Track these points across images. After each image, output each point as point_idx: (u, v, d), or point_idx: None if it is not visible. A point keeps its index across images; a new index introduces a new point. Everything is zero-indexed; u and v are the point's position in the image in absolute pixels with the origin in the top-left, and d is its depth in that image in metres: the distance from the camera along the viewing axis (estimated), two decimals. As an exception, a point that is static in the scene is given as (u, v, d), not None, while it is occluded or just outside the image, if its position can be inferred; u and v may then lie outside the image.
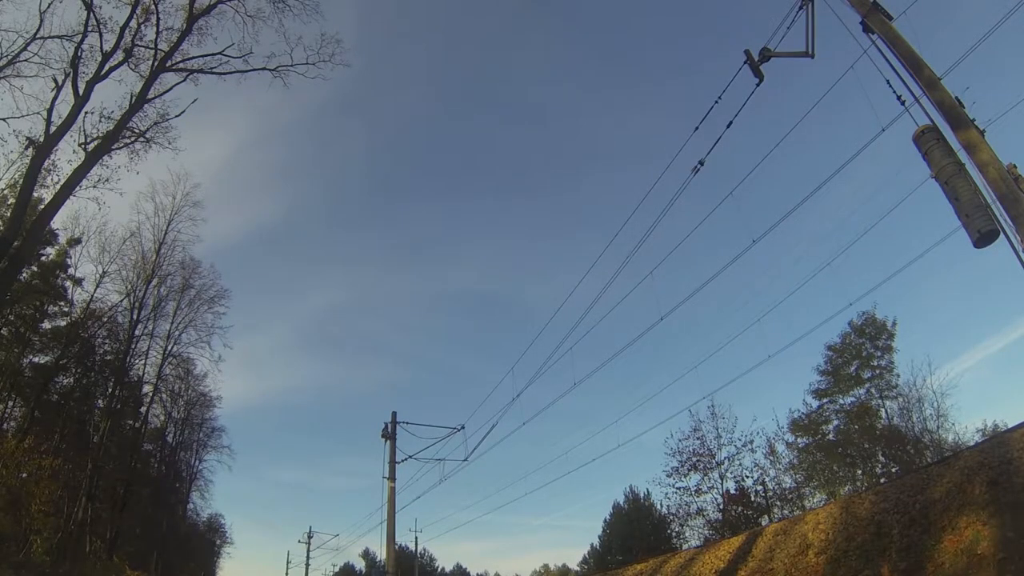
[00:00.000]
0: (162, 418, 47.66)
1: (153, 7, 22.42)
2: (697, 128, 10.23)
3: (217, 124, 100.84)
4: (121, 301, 35.98)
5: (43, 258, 32.76)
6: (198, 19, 23.27)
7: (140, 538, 44.15)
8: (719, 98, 9.62)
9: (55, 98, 20.77)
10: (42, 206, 21.89)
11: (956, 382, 36.87)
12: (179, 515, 55.64)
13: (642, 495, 50.01)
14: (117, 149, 22.88)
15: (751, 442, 31.07)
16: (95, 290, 34.91)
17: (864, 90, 8.59)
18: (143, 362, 39.52)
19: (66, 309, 34.64)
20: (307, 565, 57.17)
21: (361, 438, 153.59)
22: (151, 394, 41.33)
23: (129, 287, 36.25)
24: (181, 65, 23.95)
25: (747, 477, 30.91)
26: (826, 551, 12.65)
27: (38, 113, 20.92)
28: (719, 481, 31.05)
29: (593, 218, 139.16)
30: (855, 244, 36.94)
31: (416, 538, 60.06)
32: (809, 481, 32.05)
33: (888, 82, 7.91)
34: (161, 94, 23.64)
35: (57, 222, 29.88)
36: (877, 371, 33.61)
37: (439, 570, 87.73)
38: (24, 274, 28.22)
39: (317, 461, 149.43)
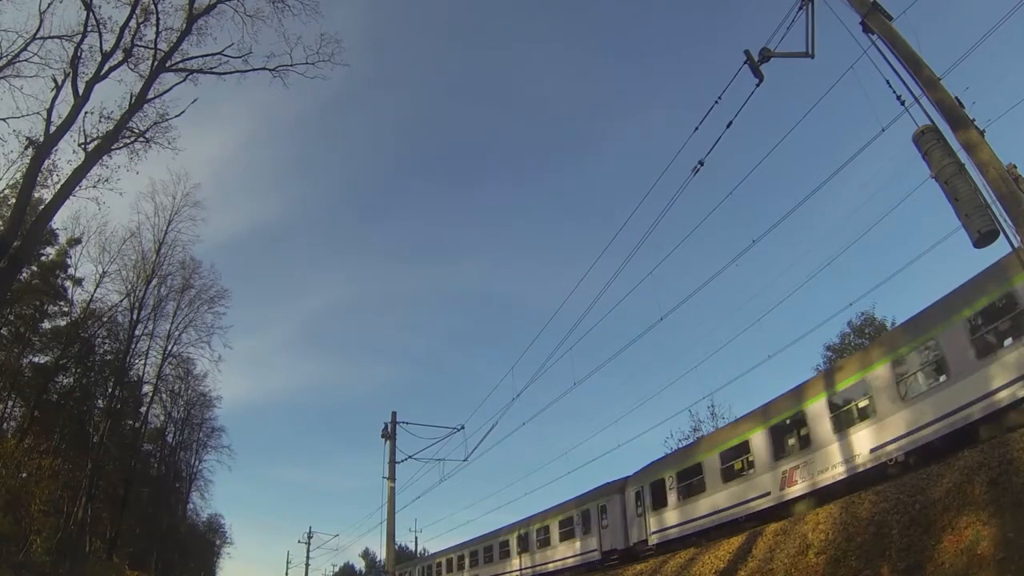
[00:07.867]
0: (162, 418, 47.84)
1: (153, 7, 22.36)
2: (697, 128, 10.25)
3: (217, 124, 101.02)
4: (121, 301, 36.07)
5: (43, 258, 32.74)
6: (198, 19, 23.22)
7: (140, 538, 44.18)
8: (719, 98, 9.63)
9: (55, 98, 20.75)
10: (42, 206, 21.88)
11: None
12: (179, 515, 55.69)
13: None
14: (117, 149, 22.85)
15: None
16: (95, 290, 35.02)
17: (864, 90, 8.60)
18: (143, 362, 39.70)
19: (66, 309, 34.68)
20: (307, 565, 57.35)
21: (361, 438, 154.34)
22: (151, 394, 41.47)
23: (129, 287, 36.36)
24: (181, 65, 23.92)
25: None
26: (826, 551, 12.66)
27: (38, 113, 20.89)
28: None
29: (594, 218, 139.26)
30: (855, 244, 37.00)
31: (416, 538, 60.20)
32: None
33: (888, 82, 7.89)
34: (161, 94, 23.62)
35: (57, 222, 29.98)
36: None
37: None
38: (24, 274, 28.18)
39: (317, 461, 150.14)
